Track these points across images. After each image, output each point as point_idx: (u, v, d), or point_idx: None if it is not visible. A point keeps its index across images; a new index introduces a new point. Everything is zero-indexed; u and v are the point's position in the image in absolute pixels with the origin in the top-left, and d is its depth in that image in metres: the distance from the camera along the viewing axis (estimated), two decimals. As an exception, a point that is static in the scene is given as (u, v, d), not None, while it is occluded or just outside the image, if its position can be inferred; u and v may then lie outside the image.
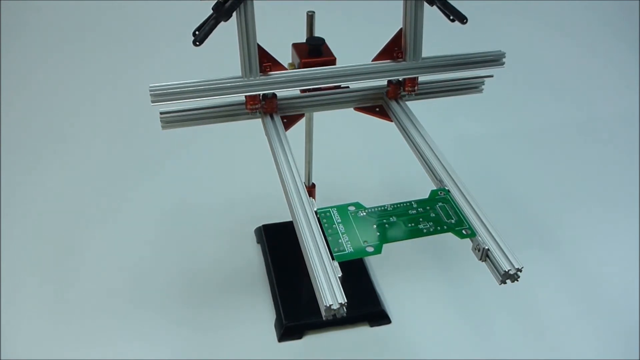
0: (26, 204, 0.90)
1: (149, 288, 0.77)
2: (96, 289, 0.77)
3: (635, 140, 1.10)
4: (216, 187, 0.95)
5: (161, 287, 0.77)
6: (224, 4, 0.51)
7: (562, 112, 1.18)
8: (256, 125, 0.60)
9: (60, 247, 0.83)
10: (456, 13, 0.54)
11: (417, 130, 0.59)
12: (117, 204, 0.91)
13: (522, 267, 0.45)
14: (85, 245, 0.83)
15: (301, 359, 0.70)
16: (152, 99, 0.54)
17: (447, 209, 0.50)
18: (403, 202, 0.50)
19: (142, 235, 0.85)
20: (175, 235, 0.85)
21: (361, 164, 1.02)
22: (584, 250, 0.85)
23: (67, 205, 0.90)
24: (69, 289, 0.77)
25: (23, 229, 0.85)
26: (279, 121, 0.59)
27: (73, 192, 0.93)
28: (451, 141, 1.07)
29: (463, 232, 0.48)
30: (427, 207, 0.50)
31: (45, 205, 0.90)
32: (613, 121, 1.16)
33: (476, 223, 0.48)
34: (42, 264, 0.80)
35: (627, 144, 1.09)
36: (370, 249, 0.45)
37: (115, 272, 0.79)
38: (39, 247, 0.83)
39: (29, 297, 0.75)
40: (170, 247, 0.83)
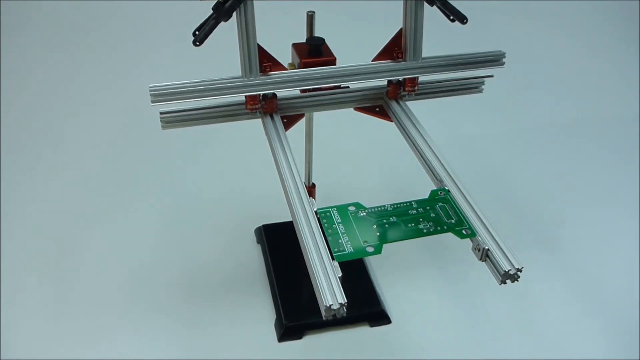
0: (26, 203, 0.90)
1: (149, 288, 0.77)
2: (96, 289, 0.77)
3: (636, 140, 1.10)
4: (216, 187, 0.95)
5: (161, 287, 0.77)
6: (224, 4, 0.51)
7: (562, 112, 1.18)
8: (256, 125, 0.60)
9: (60, 247, 0.83)
10: (456, 13, 0.54)
11: (417, 130, 0.58)
12: (117, 203, 0.91)
13: (522, 267, 0.45)
14: (86, 245, 0.83)
15: (301, 359, 0.70)
16: (152, 99, 0.54)
17: (447, 209, 0.50)
18: (403, 202, 0.50)
19: (142, 235, 0.85)
20: (175, 235, 0.85)
21: (361, 164, 1.02)
22: (584, 250, 0.85)
23: (67, 205, 0.90)
24: (69, 289, 0.77)
25: (23, 229, 0.85)
26: (279, 121, 0.59)
27: (73, 192, 0.93)
28: (451, 141, 1.07)
29: (463, 232, 0.48)
30: (427, 207, 0.50)
31: (46, 204, 0.90)
32: (613, 121, 1.16)
33: (476, 223, 0.48)
34: (42, 264, 0.80)
35: (628, 144, 1.09)
36: (370, 249, 0.45)
37: (115, 272, 0.79)
38: (39, 247, 0.83)
39: (29, 297, 0.75)
40: (170, 247, 0.83)
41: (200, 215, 0.89)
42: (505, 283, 0.46)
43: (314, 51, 0.60)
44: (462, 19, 0.54)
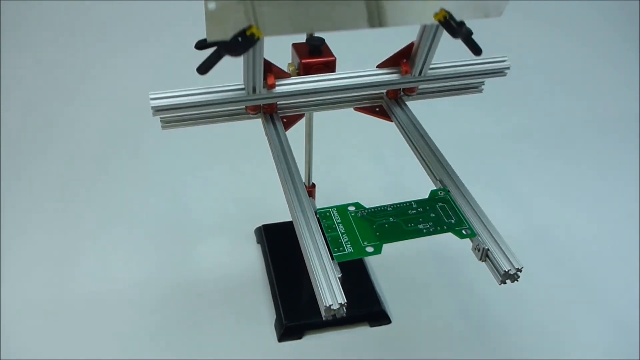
0: (26, 202, 0.90)
1: (148, 288, 0.77)
2: (96, 289, 0.77)
3: (636, 140, 1.10)
4: (216, 187, 0.95)
5: (161, 287, 0.77)
6: (232, 44, 0.44)
7: (562, 111, 1.18)
8: (256, 125, 0.60)
9: (60, 246, 0.83)
10: (475, 47, 0.53)
11: (417, 130, 0.58)
12: (117, 203, 0.91)
13: (522, 267, 0.45)
14: (86, 245, 0.83)
15: (301, 359, 0.70)
16: (154, 112, 0.54)
17: (447, 209, 0.50)
18: (403, 202, 0.50)
19: (141, 235, 0.85)
20: (175, 235, 0.85)
21: (361, 164, 1.02)
22: (584, 250, 0.85)
23: (67, 204, 0.90)
24: (69, 289, 0.77)
25: (23, 229, 0.85)
26: (279, 121, 0.59)
27: (73, 191, 0.93)
28: (451, 141, 1.07)
29: (463, 232, 0.48)
30: (427, 207, 0.49)
31: (46, 204, 0.90)
32: (614, 121, 1.16)
33: (476, 223, 0.48)
34: (42, 264, 0.80)
35: (628, 144, 1.09)
36: (370, 249, 0.45)
37: (115, 271, 0.79)
38: (39, 247, 0.83)
39: (29, 297, 0.75)
40: (170, 247, 0.83)
41: (200, 215, 0.89)
42: (505, 283, 0.46)
43: (314, 51, 0.60)
44: (478, 52, 0.52)
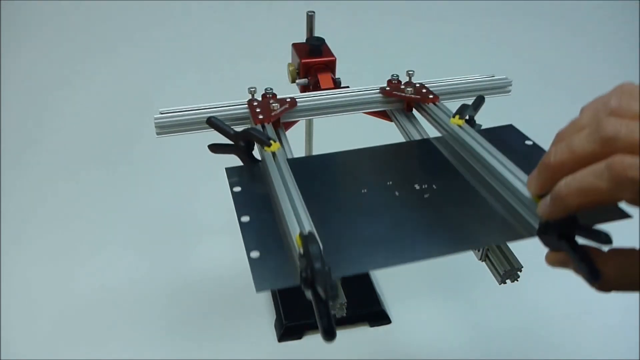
0: (26, 203, 0.90)
1: (148, 288, 0.77)
2: (96, 288, 0.77)
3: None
4: (216, 187, 0.95)
5: (160, 287, 0.77)
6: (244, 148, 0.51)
7: (563, 111, 1.18)
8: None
9: (60, 246, 0.83)
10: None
11: (417, 130, 0.58)
12: (117, 203, 0.91)
13: (522, 267, 0.45)
14: (86, 244, 0.83)
15: (301, 359, 0.70)
16: (157, 131, 0.54)
17: (447, 209, 0.49)
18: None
19: (141, 235, 0.85)
20: (175, 235, 0.85)
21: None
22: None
23: (68, 204, 0.90)
24: (69, 289, 0.77)
25: (23, 229, 0.85)
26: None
27: (74, 191, 0.93)
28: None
29: (463, 232, 0.47)
30: (427, 207, 0.49)
31: (46, 204, 0.90)
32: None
33: (476, 223, 0.48)
34: (42, 264, 0.80)
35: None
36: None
37: (115, 271, 0.79)
38: (40, 247, 0.83)
39: (29, 297, 0.75)
40: (169, 247, 0.83)
41: (199, 215, 0.89)
42: (505, 283, 0.46)
43: (314, 51, 0.60)
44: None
